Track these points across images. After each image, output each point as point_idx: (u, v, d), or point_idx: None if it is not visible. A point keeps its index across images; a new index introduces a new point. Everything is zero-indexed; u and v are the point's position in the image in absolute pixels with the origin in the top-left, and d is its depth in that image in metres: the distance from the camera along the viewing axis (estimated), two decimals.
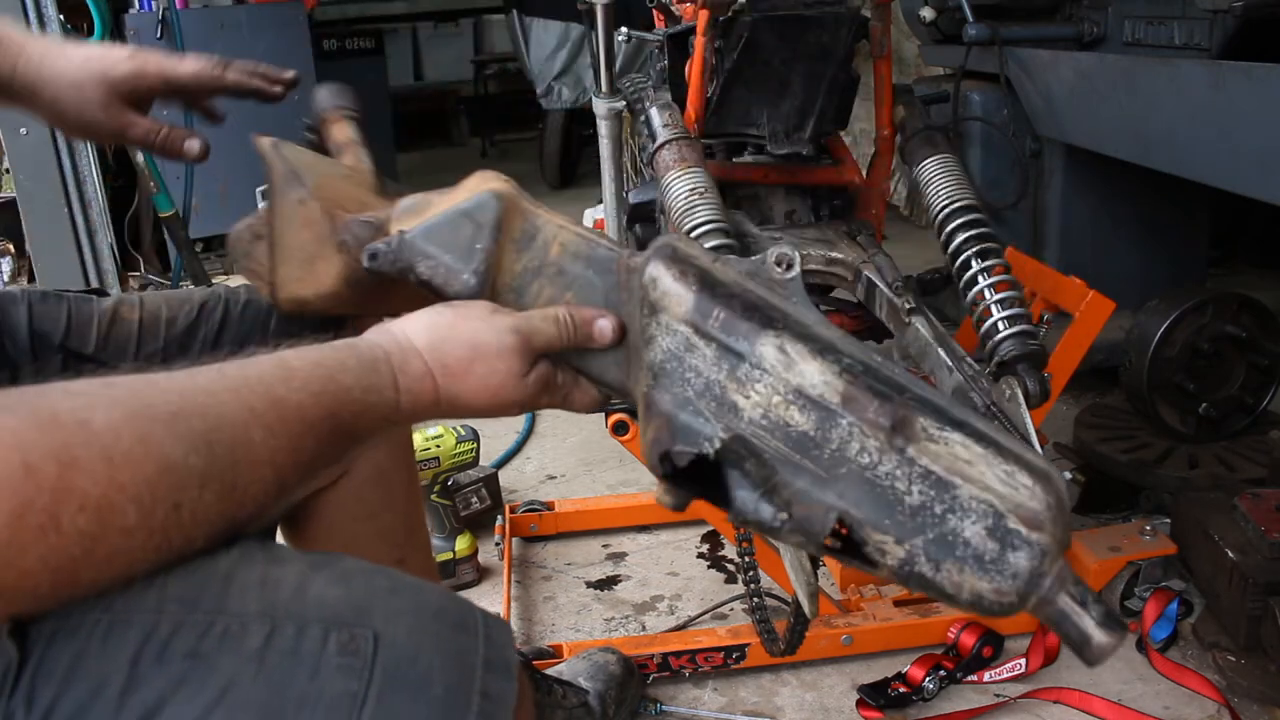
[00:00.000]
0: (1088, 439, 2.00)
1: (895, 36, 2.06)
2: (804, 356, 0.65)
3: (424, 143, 6.98)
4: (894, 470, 0.63)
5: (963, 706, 1.53)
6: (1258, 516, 1.54)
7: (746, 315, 0.67)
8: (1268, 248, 3.19)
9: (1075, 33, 2.24)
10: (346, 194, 0.86)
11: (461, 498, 2.00)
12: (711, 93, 1.67)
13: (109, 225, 3.48)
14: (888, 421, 0.63)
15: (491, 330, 0.72)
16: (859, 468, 0.63)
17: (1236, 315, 1.91)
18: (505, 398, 0.73)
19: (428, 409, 0.71)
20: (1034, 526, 0.62)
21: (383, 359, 0.69)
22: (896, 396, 0.64)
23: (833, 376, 0.64)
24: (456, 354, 0.71)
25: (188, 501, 0.55)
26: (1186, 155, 1.76)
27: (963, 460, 0.63)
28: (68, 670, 0.53)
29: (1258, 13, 1.71)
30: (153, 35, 3.70)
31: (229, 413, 0.59)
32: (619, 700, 1.49)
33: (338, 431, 0.65)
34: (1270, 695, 1.48)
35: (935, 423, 0.63)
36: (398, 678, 0.58)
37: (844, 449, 0.64)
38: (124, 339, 0.97)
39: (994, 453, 0.63)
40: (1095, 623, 0.63)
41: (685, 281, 0.68)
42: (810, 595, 1.13)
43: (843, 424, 0.64)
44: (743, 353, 0.66)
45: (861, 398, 0.64)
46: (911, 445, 0.63)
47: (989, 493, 0.62)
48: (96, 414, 0.53)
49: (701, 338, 0.67)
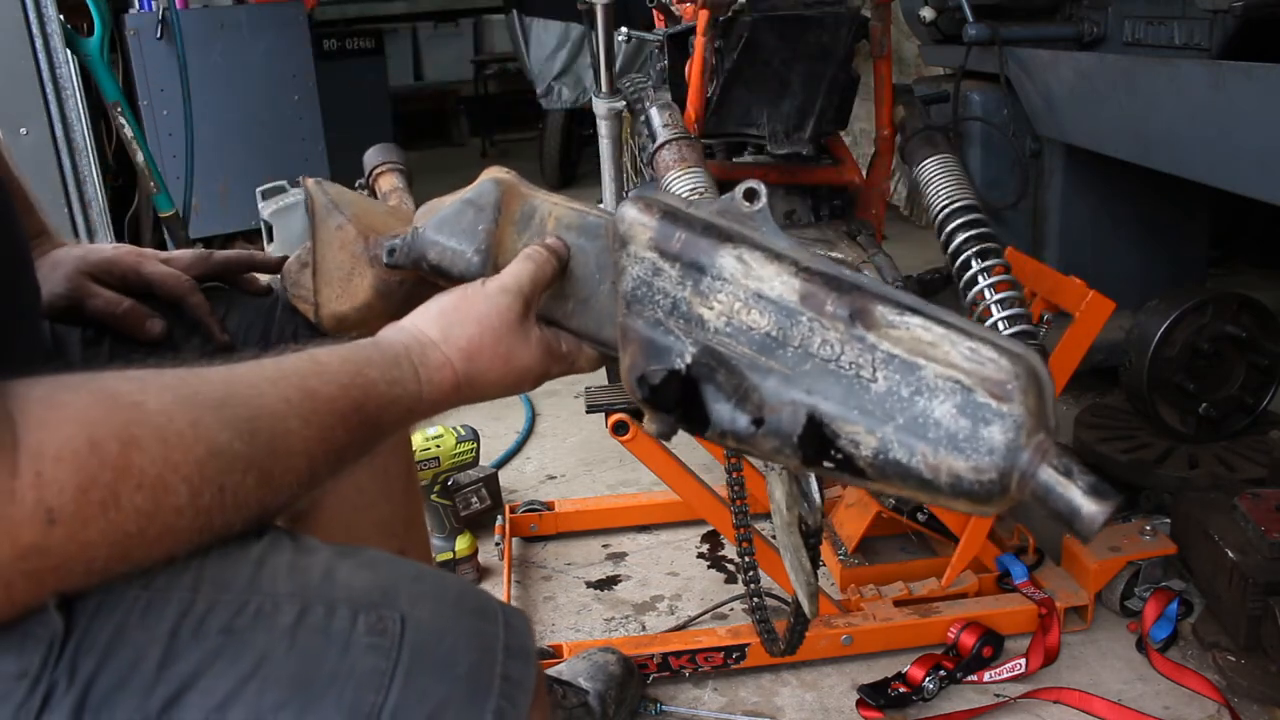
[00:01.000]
0: (1088, 439, 2.00)
1: (895, 36, 2.06)
2: (761, 262, 0.67)
3: (424, 143, 6.97)
4: (857, 359, 0.63)
5: (963, 706, 1.52)
6: (1258, 516, 1.54)
7: (706, 233, 0.69)
8: (1268, 248, 3.19)
9: (1075, 33, 2.24)
10: (383, 222, 0.91)
11: (461, 498, 2.00)
12: (711, 93, 1.67)
13: (109, 225, 3.47)
14: (845, 311, 0.64)
15: (487, 299, 0.76)
16: (822, 361, 0.64)
17: (1236, 315, 1.91)
18: (517, 362, 0.77)
19: (449, 395, 0.74)
20: (1004, 399, 0.61)
21: (403, 353, 0.73)
22: (853, 290, 0.65)
23: (789, 277, 0.66)
24: (467, 334, 0.75)
25: (231, 485, 0.58)
26: (1186, 155, 1.76)
27: (925, 342, 0.62)
28: (109, 643, 0.55)
29: (1258, 13, 1.71)
30: (153, 35, 3.70)
31: (268, 403, 0.62)
32: (619, 700, 1.49)
33: (365, 423, 0.68)
34: (1270, 695, 1.48)
35: (893, 310, 0.64)
36: (424, 657, 0.59)
37: (806, 344, 0.65)
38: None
39: (956, 333, 0.63)
40: (1082, 492, 0.61)
41: (649, 212, 0.72)
42: (810, 595, 1.13)
43: (803, 320, 0.65)
44: (704, 266, 0.69)
45: (819, 293, 0.65)
46: (872, 332, 0.63)
47: (954, 369, 0.61)
48: (150, 397, 0.56)
49: (666, 259, 0.70)
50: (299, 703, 0.56)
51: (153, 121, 3.77)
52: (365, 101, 5.16)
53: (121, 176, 3.84)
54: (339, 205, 0.90)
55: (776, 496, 1.11)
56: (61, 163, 3.33)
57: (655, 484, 1.99)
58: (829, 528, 1.86)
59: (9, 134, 3.25)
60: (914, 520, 1.77)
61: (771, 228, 0.71)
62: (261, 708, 0.56)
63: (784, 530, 1.11)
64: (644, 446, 1.54)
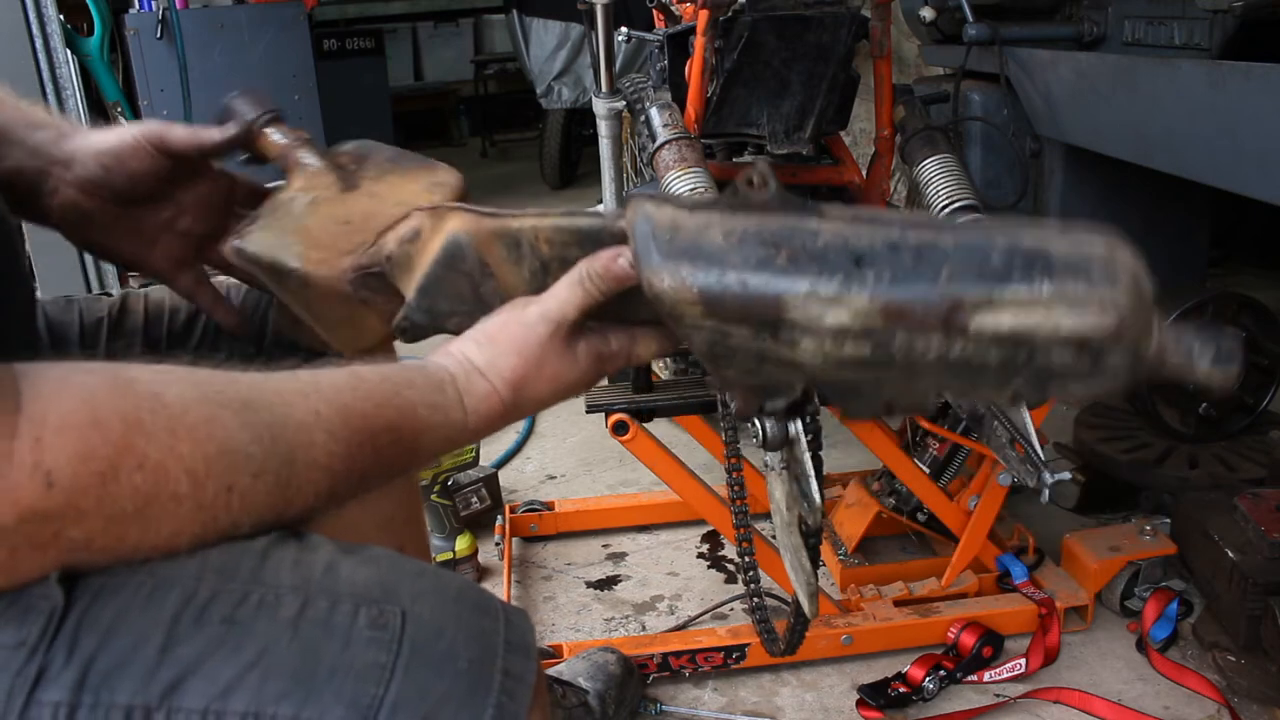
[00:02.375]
0: (1088, 439, 2.00)
1: (895, 36, 2.06)
2: (828, 300, 0.62)
3: (424, 143, 6.97)
4: (966, 349, 0.61)
5: (963, 706, 1.52)
6: (1258, 516, 1.54)
7: (751, 288, 0.64)
8: (1267, 248, 3.19)
9: (1075, 33, 2.24)
10: (329, 234, 0.83)
11: (461, 498, 2.00)
12: (711, 93, 1.67)
13: None
14: (938, 320, 0.61)
15: (527, 329, 0.74)
16: (934, 359, 0.62)
17: (1236, 315, 1.91)
18: (565, 381, 0.75)
19: (495, 422, 0.74)
20: (1115, 337, 0.59)
21: (449, 381, 0.72)
22: (930, 286, 0.61)
23: (863, 303, 0.62)
24: (510, 364, 0.73)
25: (241, 487, 0.58)
26: (1186, 155, 1.76)
27: (1022, 311, 0.60)
28: (111, 624, 0.56)
29: (1258, 13, 1.71)
30: (153, 35, 3.70)
31: (296, 413, 0.62)
32: (619, 700, 1.49)
33: (398, 445, 0.67)
34: (1270, 695, 1.48)
35: (980, 289, 0.60)
36: (424, 652, 0.60)
37: (911, 354, 0.62)
38: (132, 329, 1.00)
39: (1042, 278, 0.60)
40: (1206, 368, 0.62)
41: (684, 285, 0.66)
42: (810, 595, 1.13)
43: (899, 337, 0.62)
44: (772, 322, 0.64)
45: (901, 309, 0.61)
46: (970, 324, 0.61)
47: (1059, 328, 0.60)
48: (171, 389, 0.57)
49: (729, 324, 0.66)
50: (300, 694, 0.57)
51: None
52: (365, 101, 5.16)
53: None
54: (278, 261, 0.81)
55: (776, 496, 1.11)
56: None
57: (655, 484, 1.99)
58: (829, 528, 1.86)
59: None
60: (914, 520, 1.77)
61: (788, 203, 0.67)
62: (263, 697, 0.56)
63: (784, 530, 1.11)
64: (644, 446, 1.54)
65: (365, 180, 0.88)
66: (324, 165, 0.88)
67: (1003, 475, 1.58)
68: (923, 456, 1.73)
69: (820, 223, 0.64)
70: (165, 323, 1.02)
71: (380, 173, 0.89)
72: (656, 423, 1.57)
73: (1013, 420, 1.31)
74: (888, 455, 1.67)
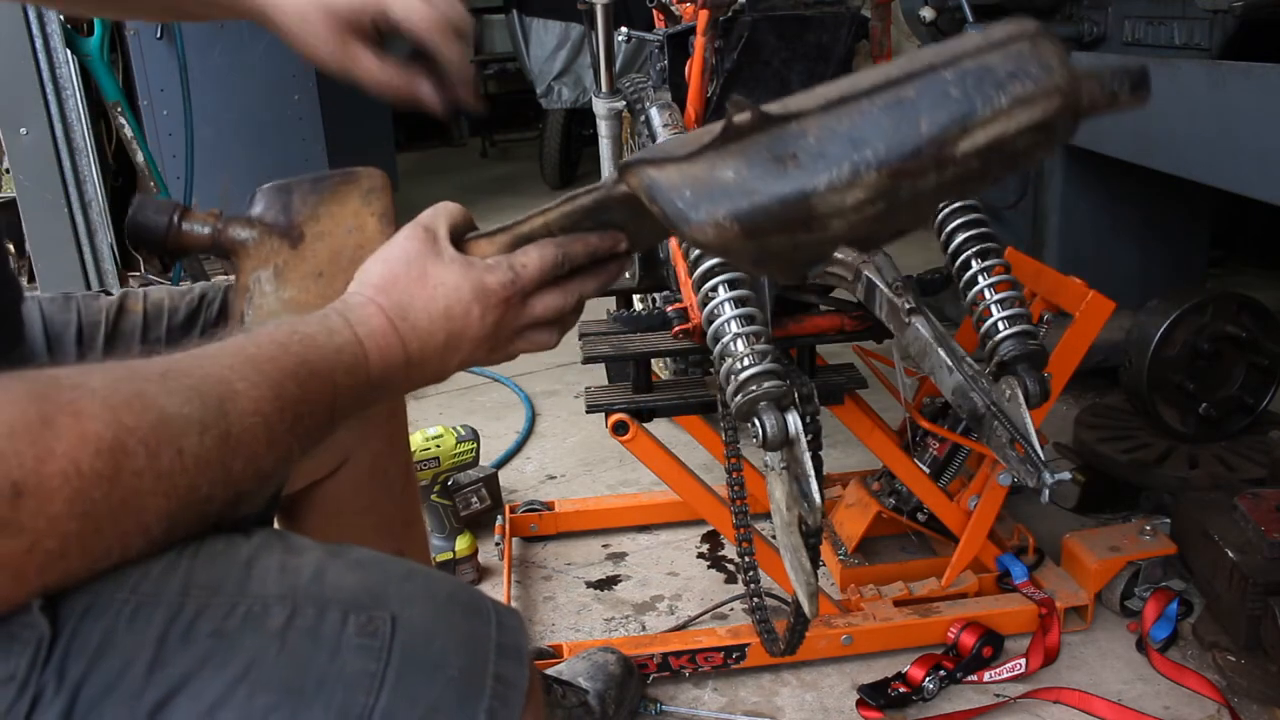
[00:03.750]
0: (1088, 439, 2.00)
1: (895, 36, 2.06)
2: (845, 188, 0.67)
3: (424, 143, 6.97)
4: (954, 170, 0.68)
5: (963, 706, 1.53)
6: (1258, 516, 1.54)
7: (781, 199, 0.68)
8: (1267, 248, 3.19)
9: (1075, 33, 2.24)
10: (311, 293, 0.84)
11: (461, 498, 2.00)
12: (711, 93, 1.67)
13: (109, 225, 3.47)
14: (932, 161, 0.67)
15: (391, 240, 0.75)
16: (933, 188, 0.68)
17: (1236, 315, 1.91)
18: (437, 280, 0.73)
19: (389, 335, 0.71)
20: (1063, 110, 0.67)
21: (327, 311, 0.71)
22: (918, 137, 0.67)
23: (873, 178, 0.67)
24: (377, 270, 0.73)
25: (190, 447, 0.57)
26: (1186, 155, 1.76)
27: (991, 125, 0.67)
28: (98, 647, 0.55)
29: (1258, 13, 1.71)
30: (153, 35, 3.70)
31: (210, 369, 0.61)
32: (619, 700, 1.49)
33: (316, 377, 0.65)
34: (1270, 695, 1.48)
35: (953, 125, 0.67)
36: (414, 659, 0.59)
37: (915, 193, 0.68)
38: (130, 329, 1.00)
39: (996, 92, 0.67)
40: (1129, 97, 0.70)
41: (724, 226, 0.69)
42: (810, 595, 1.13)
43: (904, 186, 0.67)
44: (803, 220, 0.68)
45: (903, 167, 0.67)
46: (956, 152, 0.67)
47: (1022, 124, 0.67)
48: (93, 377, 0.56)
49: (768, 237, 0.69)
50: (289, 706, 0.56)
51: (153, 121, 3.77)
52: (365, 101, 5.13)
53: (121, 176, 3.84)
54: None
55: (776, 496, 1.11)
56: (61, 163, 3.33)
57: (655, 484, 1.99)
58: (829, 528, 1.86)
59: (9, 134, 3.25)
60: (914, 520, 1.77)
61: (774, 124, 0.70)
62: (252, 711, 0.56)
63: (784, 530, 1.11)
64: (644, 446, 1.54)
65: (304, 225, 0.86)
66: (258, 233, 0.86)
67: (1003, 475, 1.58)
68: (923, 456, 1.73)
69: (800, 123, 0.69)
70: (164, 322, 1.02)
71: (312, 210, 0.87)
72: (656, 423, 1.57)
73: (1013, 420, 1.31)
74: (888, 455, 1.67)
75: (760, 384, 1.09)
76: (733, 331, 1.14)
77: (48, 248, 3.39)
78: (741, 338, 1.13)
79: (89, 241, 3.44)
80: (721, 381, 1.14)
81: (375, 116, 5.25)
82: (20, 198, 3.36)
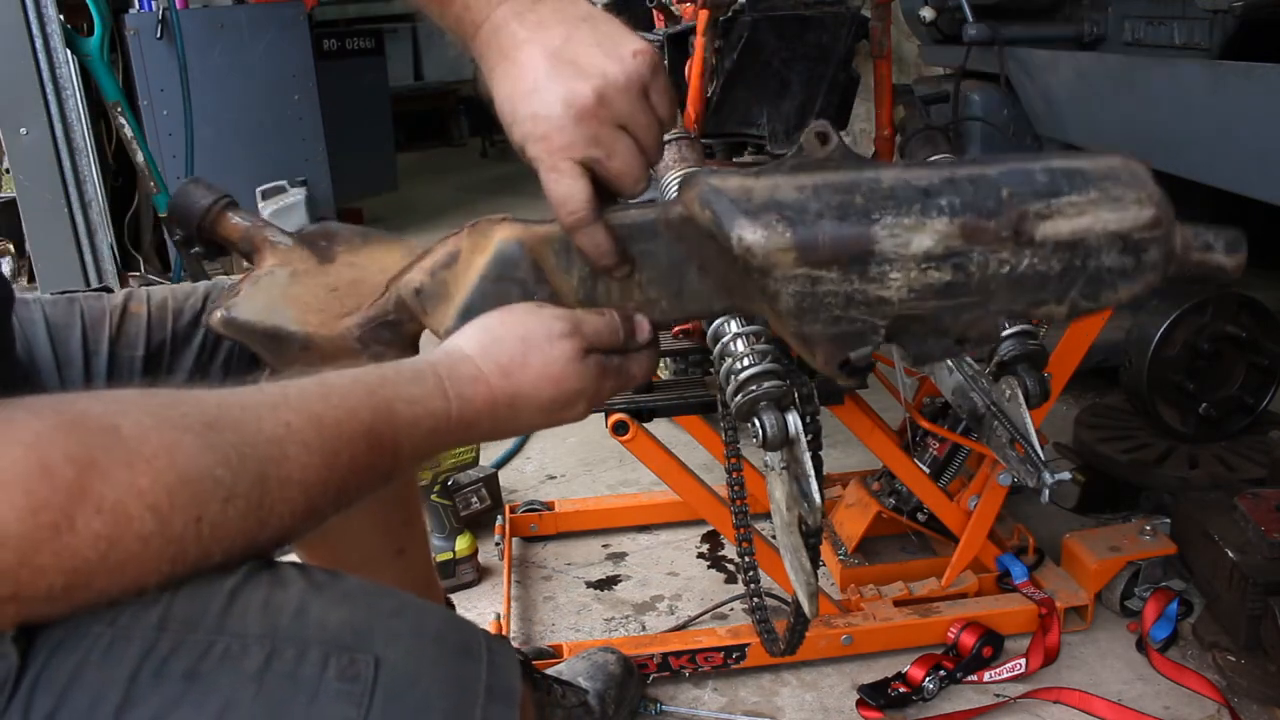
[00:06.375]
0: (1088, 439, 2.00)
1: (895, 36, 2.05)
2: (912, 227, 0.68)
3: (424, 143, 6.98)
4: (1031, 261, 0.68)
5: (963, 706, 1.52)
6: (1258, 516, 1.54)
7: (841, 226, 0.68)
8: (1267, 248, 3.19)
9: (1075, 33, 2.24)
10: (320, 300, 0.83)
11: (461, 498, 2.00)
12: (711, 93, 1.67)
13: (109, 225, 3.48)
14: (1009, 232, 0.68)
15: (539, 320, 0.72)
16: (1005, 276, 0.69)
17: (1236, 315, 1.91)
18: (568, 386, 0.72)
19: (484, 413, 0.69)
20: (1153, 226, 0.69)
21: (428, 369, 0.68)
22: (999, 202, 0.68)
23: (944, 225, 0.68)
24: (509, 350, 0.71)
25: (210, 515, 0.55)
26: (1186, 155, 1.76)
27: (1076, 215, 0.68)
28: (67, 682, 0.53)
29: (1258, 13, 1.71)
30: (153, 35, 3.70)
31: (265, 428, 0.58)
32: (619, 700, 1.49)
33: (378, 449, 0.63)
34: (1270, 695, 1.48)
35: (1039, 201, 0.68)
36: (397, 704, 0.57)
37: (986, 272, 0.69)
38: (134, 332, 0.99)
39: (1086, 186, 0.68)
40: (1223, 255, 0.76)
41: (777, 232, 0.68)
42: (810, 595, 1.13)
43: (975, 256, 0.68)
44: (862, 258, 0.69)
45: (978, 225, 0.68)
46: (1036, 232, 0.68)
47: (1109, 225, 0.68)
48: (127, 419, 0.53)
49: (820, 268, 0.69)
50: None
51: (153, 121, 3.78)
52: (365, 101, 5.16)
53: (121, 176, 3.84)
54: (275, 328, 0.80)
55: (776, 496, 1.11)
56: (61, 163, 3.33)
57: (655, 484, 1.99)
58: (829, 528, 1.86)
59: (9, 134, 3.26)
60: (914, 520, 1.77)
61: (853, 159, 0.70)
62: None
63: (784, 530, 1.11)
64: (644, 446, 1.54)
65: (341, 253, 0.87)
66: (296, 242, 0.88)
67: (1003, 475, 1.58)
68: (923, 456, 1.73)
69: (879, 171, 0.70)
70: (170, 323, 1.01)
71: (354, 247, 0.89)
72: (656, 423, 1.57)
73: (1013, 420, 1.32)
74: (888, 455, 1.67)
75: (760, 384, 1.08)
76: (732, 331, 1.14)
77: (48, 248, 3.40)
78: (741, 337, 1.13)
79: (89, 241, 3.45)
80: (721, 381, 1.14)
81: (375, 117, 5.25)
82: (20, 198, 3.37)
